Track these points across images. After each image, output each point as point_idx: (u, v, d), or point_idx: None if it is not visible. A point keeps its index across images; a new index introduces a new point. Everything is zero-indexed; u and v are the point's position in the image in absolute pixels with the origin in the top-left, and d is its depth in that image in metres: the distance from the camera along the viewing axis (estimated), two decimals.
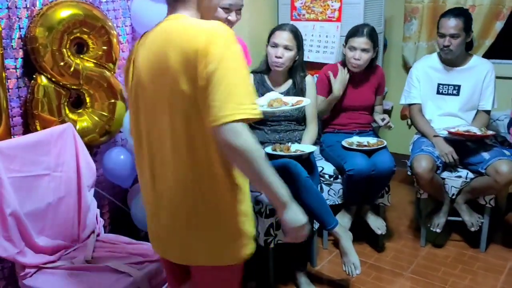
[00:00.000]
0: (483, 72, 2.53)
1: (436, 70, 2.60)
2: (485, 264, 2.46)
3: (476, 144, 2.48)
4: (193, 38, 1.10)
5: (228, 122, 1.04)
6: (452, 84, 2.55)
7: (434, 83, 2.59)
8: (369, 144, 2.50)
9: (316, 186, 2.18)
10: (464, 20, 2.44)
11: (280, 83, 2.38)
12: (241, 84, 1.08)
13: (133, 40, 2.30)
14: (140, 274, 1.67)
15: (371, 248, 2.64)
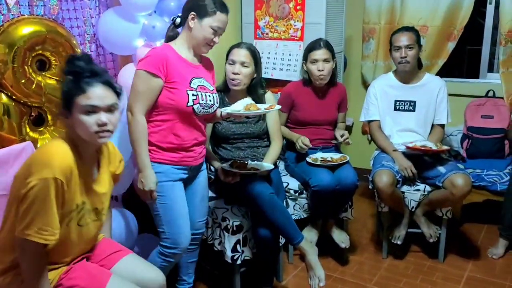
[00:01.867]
0: (436, 88, 2.67)
1: (392, 87, 2.72)
2: (444, 273, 2.56)
3: (433, 159, 2.60)
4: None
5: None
6: (408, 100, 2.67)
7: (391, 100, 2.70)
8: (333, 159, 2.57)
9: (281, 202, 2.22)
10: (415, 33, 2.61)
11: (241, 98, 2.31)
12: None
13: (97, 57, 2.28)
14: None
15: (336, 261, 2.69)
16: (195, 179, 2.08)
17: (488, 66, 3.38)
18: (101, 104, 1.41)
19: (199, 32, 1.90)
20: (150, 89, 1.83)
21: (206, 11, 1.88)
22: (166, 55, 1.86)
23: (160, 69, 1.83)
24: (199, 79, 1.95)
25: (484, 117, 3.08)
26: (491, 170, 2.86)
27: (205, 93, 1.94)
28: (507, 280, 2.47)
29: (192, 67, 1.95)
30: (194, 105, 1.89)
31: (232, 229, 2.17)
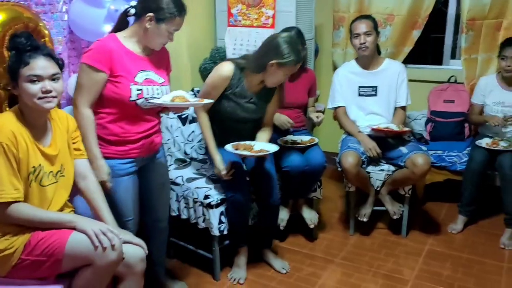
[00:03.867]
0: (396, 72, 2.81)
1: (355, 74, 2.85)
2: (406, 247, 2.72)
3: (395, 140, 2.75)
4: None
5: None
6: (370, 86, 2.81)
7: (355, 86, 2.83)
8: (302, 142, 2.70)
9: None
10: (373, 21, 2.75)
11: (255, 86, 2.35)
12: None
13: (70, 42, 2.33)
14: None
15: (305, 239, 2.83)
16: (152, 168, 2.08)
17: (451, 53, 3.55)
18: (44, 74, 1.56)
19: (155, 34, 1.86)
20: (93, 83, 1.82)
21: (165, 16, 1.83)
22: (111, 47, 1.82)
23: (103, 63, 1.80)
24: (146, 72, 1.90)
25: (446, 101, 3.25)
26: (451, 151, 3.03)
27: (152, 86, 1.90)
28: (464, 253, 2.65)
29: (139, 59, 1.90)
30: (137, 99, 1.86)
31: (216, 204, 2.29)
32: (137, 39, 1.89)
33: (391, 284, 2.37)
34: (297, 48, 2.22)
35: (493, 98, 2.91)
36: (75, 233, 1.57)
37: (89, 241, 1.54)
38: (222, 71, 2.30)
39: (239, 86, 2.32)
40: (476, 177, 2.75)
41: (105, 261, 1.54)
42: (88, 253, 1.54)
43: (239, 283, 2.39)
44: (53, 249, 1.55)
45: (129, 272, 1.66)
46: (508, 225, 2.70)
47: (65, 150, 1.72)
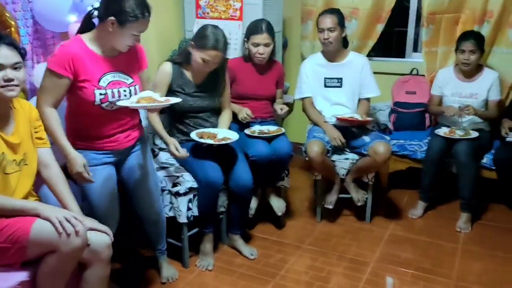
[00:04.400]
0: (359, 65, 2.90)
1: (321, 66, 2.92)
2: (370, 233, 2.85)
3: (359, 130, 2.85)
4: None
5: None
6: (335, 77, 2.90)
7: (321, 77, 2.92)
8: (269, 131, 2.77)
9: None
10: (338, 16, 2.79)
11: (199, 75, 2.49)
12: None
13: (35, 33, 2.33)
14: None
15: (274, 226, 2.91)
16: (131, 160, 2.13)
17: (413, 47, 3.68)
18: (6, 63, 1.58)
19: (118, 37, 1.86)
20: (56, 87, 1.85)
21: (128, 19, 1.81)
22: (74, 52, 1.83)
23: (66, 68, 1.82)
24: (112, 74, 1.93)
25: (408, 93, 3.38)
26: (413, 141, 3.16)
27: (118, 89, 1.93)
28: (422, 236, 2.79)
29: (104, 62, 1.92)
30: (101, 103, 1.89)
31: (184, 193, 2.34)
32: (102, 41, 1.90)
33: (354, 267, 2.48)
34: (216, 36, 2.35)
35: (450, 89, 3.05)
36: (39, 220, 1.59)
37: (53, 228, 1.57)
38: (161, 70, 2.47)
39: (182, 79, 2.48)
40: (434, 164, 2.88)
41: (69, 248, 1.57)
42: (52, 240, 1.56)
43: (208, 270, 2.45)
44: (17, 236, 1.57)
45: (95, 258, 1.69)
46: (464, 209, 2.85)
47: (27, 139, 1.73)
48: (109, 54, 1.93)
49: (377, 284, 2.33)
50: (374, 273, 2.42)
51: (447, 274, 2.39)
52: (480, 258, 2.54)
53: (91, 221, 1.75)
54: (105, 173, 2.02)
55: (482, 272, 2.42)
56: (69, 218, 1.59)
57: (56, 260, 1.60)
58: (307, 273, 2.43)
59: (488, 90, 2.97)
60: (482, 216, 2.99)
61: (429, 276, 2.38)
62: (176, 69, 2.48)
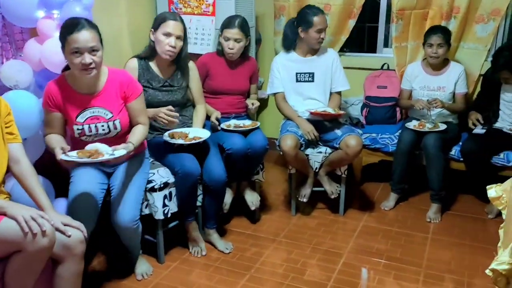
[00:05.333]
0: (330, 59, 2.95)
1: (292, 61, 2.95)
2: (343, 225, 2.90)
3: (332, 123, 2.90)
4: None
5: None
6: (307, 72, 2.94)
7: (293, 72, 2.94)
8: (245, 125, 2.79)
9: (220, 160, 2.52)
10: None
11: (166, 69, 2.54)
12: None
13: (4, 28, 2.27)
14: None
15: (248, 220, 2.94)
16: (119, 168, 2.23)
17: (384, 42, 3.75)
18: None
19: (71, 64, 1.96)
20: (53, 120, 2.07)
21: (64, 45, 1.93)
22: (53, 91, 2.03)
23: (52, 105, 2.04)
24: (91, 110, 2.07)
25: (379, 87, 3.45)
26: (384, 134, 3.24)
27: (95, 124, 2.08)
28: (394, 227, 2.86)
29: (83, 98, 2.06)
30: (80, 137, 2.09)
31: (159, 187, 2.33)
32: (75, 77, 2.03)
33: (328, 258, 2.52)
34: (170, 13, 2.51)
35: (419, 83, 3.13)
36: (5, 219, 1.57)
37: (19, 227, 1.54)
38: (127, 67, 2.50)
39: (149, 74, 2.51)
40: (404, 156, 2.96)
41: (35, 247, 1.55)
42: (18, 239, 1.54)
43: (202, 255, 2.52)
44: None
45: (68, 254, 1.68)
46: (433, 200, 2.94)
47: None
48: (86, 91, 2.06)
49: (350, 274, 2.38)
50: (347, 263, 2.47)
51: (417, 263, 2.46)
52: (448, 247, 2.62)
53: (64, 217, 1.74)
54: (91, 174, 2.12)
55: (450, 260, 2.50)
56: (35, 217, 1.56)
57: (23, 259, 1.58)
58: (282, 265, 2.47)
59: (455, 83, 3.06)
60: (451, 206, 3.09)
61: (400, 265, 2.45)
62: (143, 63, 2.50)
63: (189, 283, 2.31)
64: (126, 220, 2.12)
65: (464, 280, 2.31)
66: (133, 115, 2.20)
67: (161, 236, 2.44)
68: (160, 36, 2.42)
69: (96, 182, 2.13)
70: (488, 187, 1.87)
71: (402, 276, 2.35)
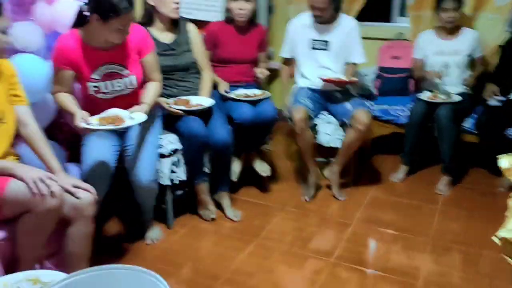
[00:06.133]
0: (348, 28, 2.82)
1: (308, 27, 2.86)
2: (352, 196, 2.86)
3: (343, 95, 2.82)
4: None
5: None
6: (322, 40, 2.84)
7: (308, 39, 2.85)
8: (255, 95, 2.76)
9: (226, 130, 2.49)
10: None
11: (166, 33, 2.52)
12: None
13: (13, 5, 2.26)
14: None
15: (258, 190, 2.95)
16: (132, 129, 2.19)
17: (400, 11, 3.65)
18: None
19: (104, 32, 1.94)
20: (63, 79, 2.04)
21: (109, 15, 1.88)
22: (69, 47, 1.98)
23: (65, 62, 2.00)
24: (106, 66, 2.04)
25: (393, 58, 3.38)
26: (396, 106, 3.18)
27: (111, 81, 2.06)
28: (403, 198, 2.85)
29: (99, 54, 2.02)
30: (96, 94, 2.06)
31: (168, 154, 2.35)
32: (94, 35, 1.99)
33: (335, 227, 2.54)
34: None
35: (432, 48, 3.07)
36: (13, 180, 1.58)
37: (28, 188, 1.56)
38: None
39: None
40: (416, 128, 2.91)
41: (44, 208, 1.58)
42: (27, 200, 1.56)
43: (212, 218, 2.55)
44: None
45: (78, 215, 1.71)
46: (444, 172, 2.91)
47: (3, 97, 1.71)
48: (104, 46, 2.02)
49: (357, 243, 2.39)
50: (354, 233, 2.48)
51: (425, 233, 2.46)
52: (457, 219, 2.61)
53: (74, 179, 1.76)
54: (106, 136, 2.11)
55: (458, 231, 2.49)
56: (44, 179, 1.58)
57: (33, 219, 1.61)
58: (289, 233, 2.49)
59: (471, 47, 3.02)
60: (462, 179, 3.05)
61: (408, 235, 2.45)
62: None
63: (197, 248, 2.35)
64: (145, 178, 2.16)
65: (471, 250, 2.31)
66: (147, 70, 2.20)
67: (170, 202, 2.47)
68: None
69: (109, 145, 2.13)
70: (500, 157, 1.84)
71: (409, 246, 2.35)
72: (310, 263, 2.24)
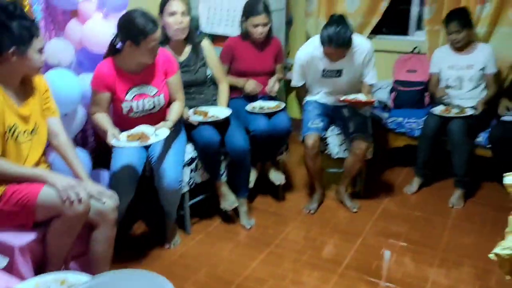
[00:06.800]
0: (363, 53, 2.72)
1: (319, 59, 2.73)
2: (364, 207, 2.92)
3: (350, 113, 2.84)
4: None
5: None
6: (335, 70, 2.75)
7: (319, 69, 2.78)
8: (269, 107, 2.87)
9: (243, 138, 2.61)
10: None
11: (181, 51, 2.66)
12: None
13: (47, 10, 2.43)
14: None
15: (273, 199, 3.05)
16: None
17: (417, 25, 3.70)
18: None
19: (138, 55, 2.17)
20: (101, 101, 2.24)
21: (140, 38, 2.10)
22: (104, 73, 2.22)
23: (102, 86, 2.22)
24: (137, 88, 2.26)
25: (409, 71, 3.43)
26: (411, 118, 3.24)
27: (142, 100, 2.27)
28: (415, 211, 2.90)
29: (131, 78, 2.25)
30: (128, 114, 2.27)
31: (188, 163, 2.50)
32: (127, 60, 2.22)
33: (346, 237, 2.61)
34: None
35: (447, 62, 3.12)
36: (45, 187, 1.75)
37: (58, 194, 1.73)
38: None
39: None
40: (429, 142, 2.97)
41: (72, 213, 1.73)
42: (57, 205, 1.73)
43: (232, 208, 2.66)
44: (26, 200, 1.74)
45: (102, 220, 1.85)
46: (457, 186, 2.95)
47: (37, 110, 1.87)
48: (135, 70, 2.25)
49: (367, 253, 2.46)
50: (365, 243, 2.55)
51: (435, 247, 2.51)
52: (468, 233, 2.65)
53: (99, 186, 1.91)
54: (132, 150, 2.27)
55: (468, 245, 2.53)
56: (73, 186, 1.74)
57: (62, 223, 1.77)
58: (300, 242, 2.58)
59: (485, 62, 3.03)
60: (475, 193, 3.08)
61: (418, 247, 2.50)
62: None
63: (212, 254, 2.46)
64: (170, 182, 2.32)
65: (481, 265, 2.35)
66: (172, 91, 2.39)
67: (187, 208, 2.60)
68: (167, 18, 2.53)
69: (137, 153, 2.32)
70: (506, 175, 1.89)
71: (418, 258, 2.41)
72: (320, 271, 2.32)
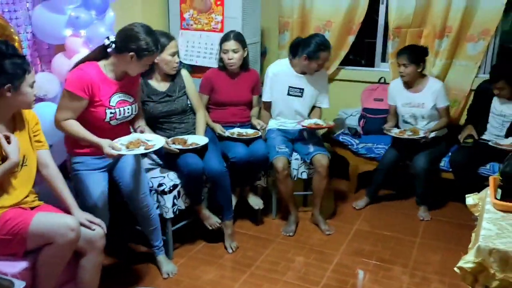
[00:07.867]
0: (323, 78, 3.16)
1: (286, 74, 3.11)
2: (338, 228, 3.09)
3: (309, 137, 3.12)
4: None
5: None
6: (298, 88, 3.12)
7: (286, 85, 3.12)
8: (247, 134, 3.03)
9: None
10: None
11: (163, 82, 2.78)
12: None
13: (34, 45, 2.53)
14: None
15: (251, 222, 3.17)
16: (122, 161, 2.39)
17: (381, 57, 3.98)
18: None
19: (136, 67, 2.22)
20: (75, 106, 2.12)
21: (145, 54, 2.15)
22: (91, 77, 2.12)
23: (85, 91, 2.10)
24: (119, 95, 2.24)
25: (376, 100, 3.67)
26: (380, 144, 3.45)
27: (123, 107, 2.26)
28: (385, 230, 3.08)
29: (114, 84, 2.23)
30: (110, 120, 2.22)
31: (169, 189, 2.59)
32: (116, 68, 2.22)
33: (322, 258, 2.75)
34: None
35: (401, 100, 3.32)
36: (37, 215, 1.82)
37: (50, 222, 1.80)
38: None
39: (148, 89, 2.73)
40: (385, 171, 3.29)
41: (64, 240, 1.81)
42: (49, 233, 1.80)
43: (218, 224, 2.78)
44: (18, 229, 1.80)
45: (90, 247, 1.93)
46: (419, 204, 3.25)
47: (27, 143, 1.94)
48: (118, 77, 2.25)
49: (342, 273, 2.61)
50: (340, 263, 2.70)
51: (404, 264, 2.68)
52: (435, 250, 2.84)
53: (87, 214, 1.99)
54: (98, 177, 2.29)
55: (435, 262, 2.71)
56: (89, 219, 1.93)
57: (53, 250, 1.83)
58: (279, 263, 2.70)
59: (434, 100, 3.21)
60: (440, 212, 3.30)
61: (388, 265, 2.67)
62: (141, 81, 2.62)
63: (195, 277, 2.55)
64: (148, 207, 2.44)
65: (447, 280, 2.52)
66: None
67: (170, 234, 2.68)
68: (168, 57, 2.67)
69: (103, 182, 2.32)
70: (467, 196, 2.10)
71: (390, 275, 2.57)
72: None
